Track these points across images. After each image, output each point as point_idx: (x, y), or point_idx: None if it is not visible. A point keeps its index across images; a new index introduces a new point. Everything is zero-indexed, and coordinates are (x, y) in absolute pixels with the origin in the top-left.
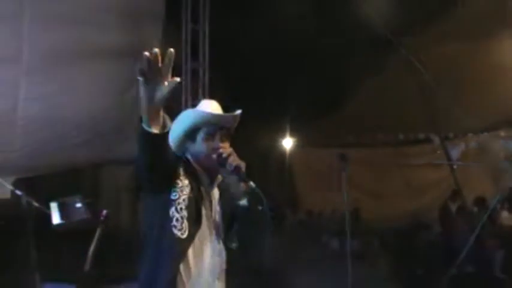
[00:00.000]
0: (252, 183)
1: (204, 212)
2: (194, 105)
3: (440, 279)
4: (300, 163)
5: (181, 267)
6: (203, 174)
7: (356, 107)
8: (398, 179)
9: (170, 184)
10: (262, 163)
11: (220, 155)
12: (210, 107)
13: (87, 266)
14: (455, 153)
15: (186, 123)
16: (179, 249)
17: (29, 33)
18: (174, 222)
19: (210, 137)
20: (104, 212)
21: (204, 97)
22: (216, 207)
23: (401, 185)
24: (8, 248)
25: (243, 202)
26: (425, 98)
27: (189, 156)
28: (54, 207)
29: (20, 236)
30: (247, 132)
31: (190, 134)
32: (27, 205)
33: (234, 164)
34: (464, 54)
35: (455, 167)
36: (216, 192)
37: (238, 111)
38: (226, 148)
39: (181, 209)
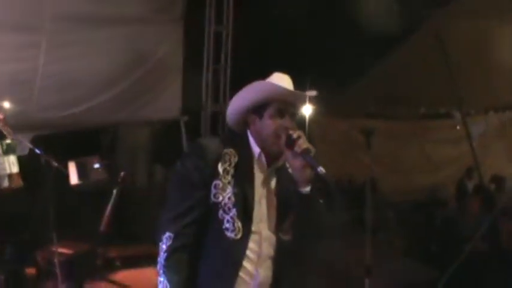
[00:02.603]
0: (321, 169)
1: (256, 201)
2: (215, 69)
3: (455, 256)
4: (318, 131)
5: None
6: (260, 155)
7: (378, 78)
8: (418, 153)
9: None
10: None
11: (290, 136)
12: (283, 81)
13: (102, 226)
14: (476, 130)
15: (257, 96)
16: (236, 251)
17: None
18: (226, 225)
19: (279, 114)
20: (122, 173)
21: (226, 62)
22: (271, 193)
23: (420, 158)
24: (26, 206)
25: (307, 189)
26: (449, 73)
27: (248, 133)
28: (72, 166)
29: (38, 194)
30: None
31: (258, 109)
32: (46, 164)
33: (304, 146)
34: (490, 31)
35: (474, 144)
36: (272, 177)
37: (313, 92)
38: (295, 129)
39: (229, 208)
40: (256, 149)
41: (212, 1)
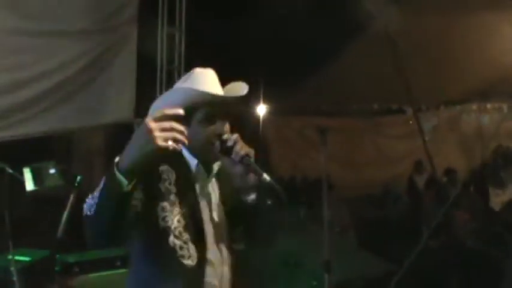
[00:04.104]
0: (266, 176)
1: (204, 218)
2: (169, 70)
3: (409, 251)
4: (273, 130)
5: None
6: (198, 167)
7: (331, 76)
8: (372, 149)
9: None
10: (236, 130)
11: (224, 142)
12: (207, 81)
13: (60, 233)
14: (427, 125)
15: (179, 104)
16: (195, 279)
17: None
18: (180, 252)
19: (209, 119)
20: (78, 177)
21: (180, 64)
22: (217, 203)
23: (374, 154)
24: None
25: (252, 197)
26: (400, 69)
27: None
28: (27, 173)
29: None
30: None
31: (184, 117)
32: (0, 171)
33: (242, 152)
34: (440, 27)
35: (426, 138)
36: (214, 185)
37: (245, 90)
38: (229, 132)
39: (180, 233)
40: (192, 161)
41: (164, 3)
